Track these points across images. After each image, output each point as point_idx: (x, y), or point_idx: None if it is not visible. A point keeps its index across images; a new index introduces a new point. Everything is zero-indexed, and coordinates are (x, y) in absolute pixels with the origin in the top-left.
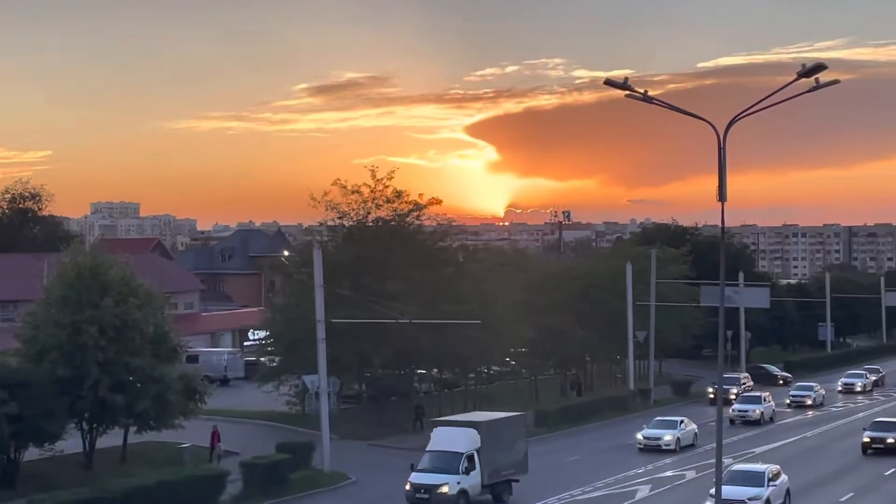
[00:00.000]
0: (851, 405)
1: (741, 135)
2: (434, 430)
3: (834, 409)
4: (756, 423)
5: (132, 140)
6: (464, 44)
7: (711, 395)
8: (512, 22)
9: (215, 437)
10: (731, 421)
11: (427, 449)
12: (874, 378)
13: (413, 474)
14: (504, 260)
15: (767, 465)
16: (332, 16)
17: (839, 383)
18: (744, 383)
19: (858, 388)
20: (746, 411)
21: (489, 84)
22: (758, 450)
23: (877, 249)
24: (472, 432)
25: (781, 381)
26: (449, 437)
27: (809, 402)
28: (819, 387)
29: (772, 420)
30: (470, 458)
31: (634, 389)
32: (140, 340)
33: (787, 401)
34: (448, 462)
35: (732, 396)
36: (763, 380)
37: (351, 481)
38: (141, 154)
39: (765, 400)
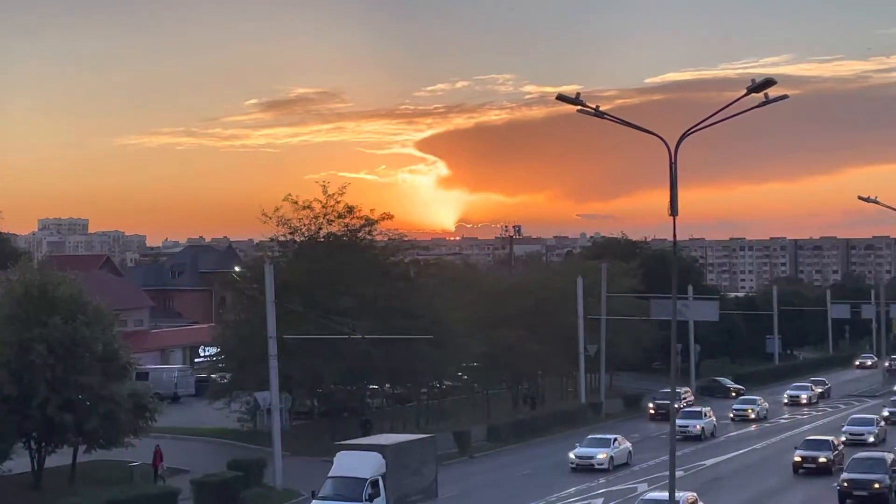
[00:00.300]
0: (798, 417)
1: (689, 149)
2: (337, 454)
3: (782, 420)
4: (697, 438)
5: (81, 156)
6: (414, 59)
7: (652, 411)
8: (462, 38)
9: (158, 456)
10: None
11: (329, 475)
12: (820, 390)
13: (313, 502)
14: (455, 274)
15: (684, 493)
16: (282, 31)
17: (785, 395)
18: (685, 398)
19: (804, 401)
20: (687, 426)
21: (439, 99)
22: (707, 462)
23: (822, 262)
24: (377, 457)
25: (734, 394)
26: (352, 462)
27: (753, 415)
28: (762, 400)
29: (713, 435)
30: (374, 483)
31: (586, 403)
32: (89, 358)
33: (731, 414)
34: (351, 489)
35: None
36: (717, 392)
37: (303, 498)
38: (90, 170)
39: (706, 415)
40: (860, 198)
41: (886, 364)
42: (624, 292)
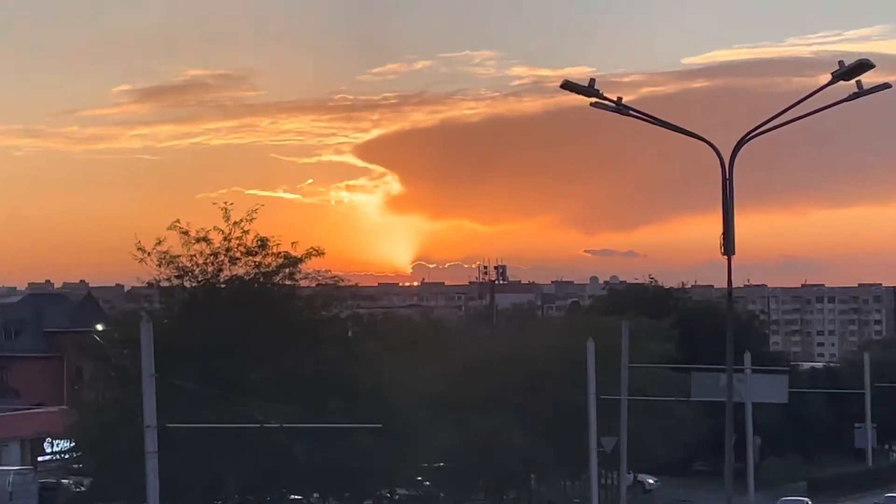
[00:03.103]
0: None
1: (743, 159)
2: None
3: None
4: None
5: None
6: (355, 30)
7: None
8: (423, 3)
9: None
10: None
11: None
12: None
13: None
14: (413, 336)
15: None
16: None
17: None
18: None
19: None
20: None
21: (390, 86)
22: None
23: None
24: None
25: None
26: None
27: None
28: None
29: None
30: None
31: None
32: None
33: None
34: None
35: None
36: None
37: None
38: None
39: None
40: None
41: None
42: (654, 362)
